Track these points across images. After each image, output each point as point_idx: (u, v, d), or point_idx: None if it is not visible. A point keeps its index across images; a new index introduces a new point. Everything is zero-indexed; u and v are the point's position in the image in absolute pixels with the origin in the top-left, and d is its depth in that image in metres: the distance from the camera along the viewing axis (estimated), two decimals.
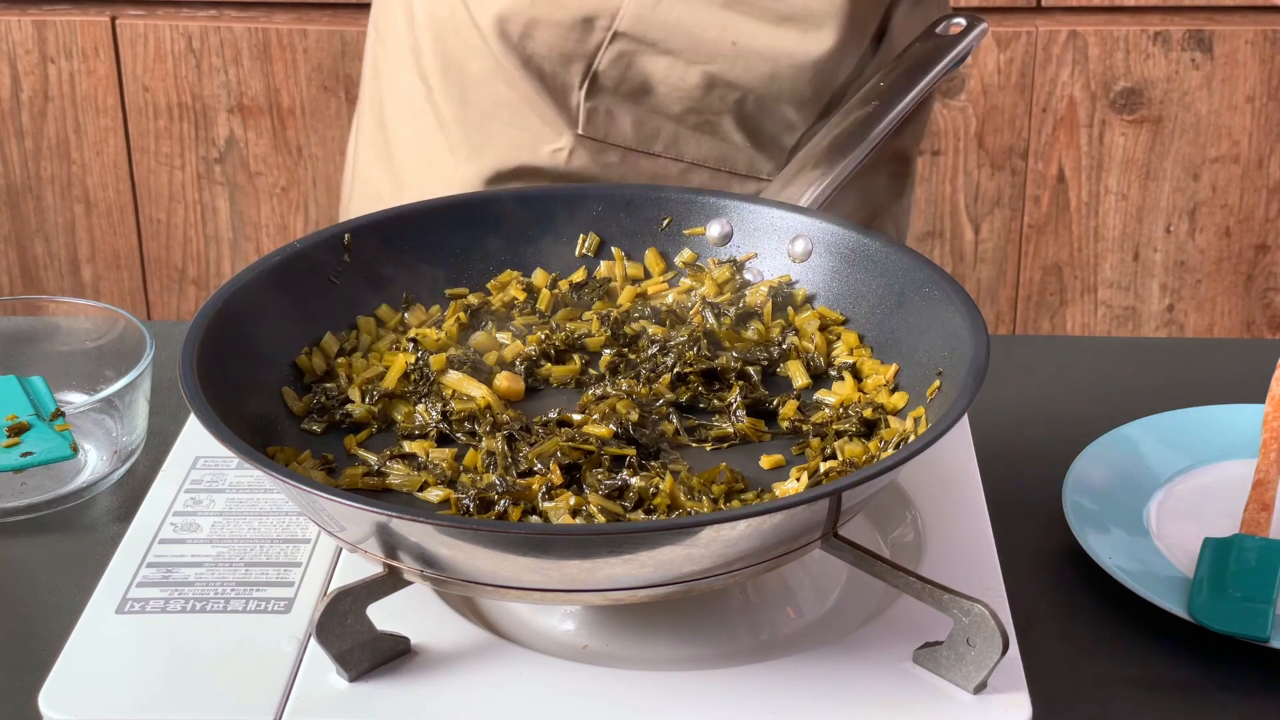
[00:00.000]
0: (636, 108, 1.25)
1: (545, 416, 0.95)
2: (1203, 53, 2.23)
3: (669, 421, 0.96)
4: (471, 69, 1.28)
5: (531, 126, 1.27)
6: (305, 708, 0.84)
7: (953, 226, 2.34)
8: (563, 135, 1.26)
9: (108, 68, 2.28)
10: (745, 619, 0.93)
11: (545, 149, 1.27)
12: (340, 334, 1.03)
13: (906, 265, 1.01)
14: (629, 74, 1.23)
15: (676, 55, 1.22)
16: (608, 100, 1.25)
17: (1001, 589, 0.91)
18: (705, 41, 1.22)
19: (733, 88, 1.22)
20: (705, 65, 1.22)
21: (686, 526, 0.82)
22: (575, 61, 1.24)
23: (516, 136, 1.27)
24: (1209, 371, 1.24)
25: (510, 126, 1.27)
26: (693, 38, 1.22)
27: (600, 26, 1.22)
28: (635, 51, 1.22)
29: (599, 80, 1.24)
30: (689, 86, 1.23)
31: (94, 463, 1.10)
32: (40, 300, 1.19)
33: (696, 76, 1.23)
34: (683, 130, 1.25)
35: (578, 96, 1.24)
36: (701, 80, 1.23)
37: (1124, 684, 0.94)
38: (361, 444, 0.96)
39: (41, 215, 2.36)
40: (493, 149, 1.28)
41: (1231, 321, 2.38)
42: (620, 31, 1.22)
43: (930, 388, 0.95)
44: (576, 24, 1.23)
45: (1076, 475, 1.07)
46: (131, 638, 0.89)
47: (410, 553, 0.83)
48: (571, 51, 1.23)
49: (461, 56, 1.28)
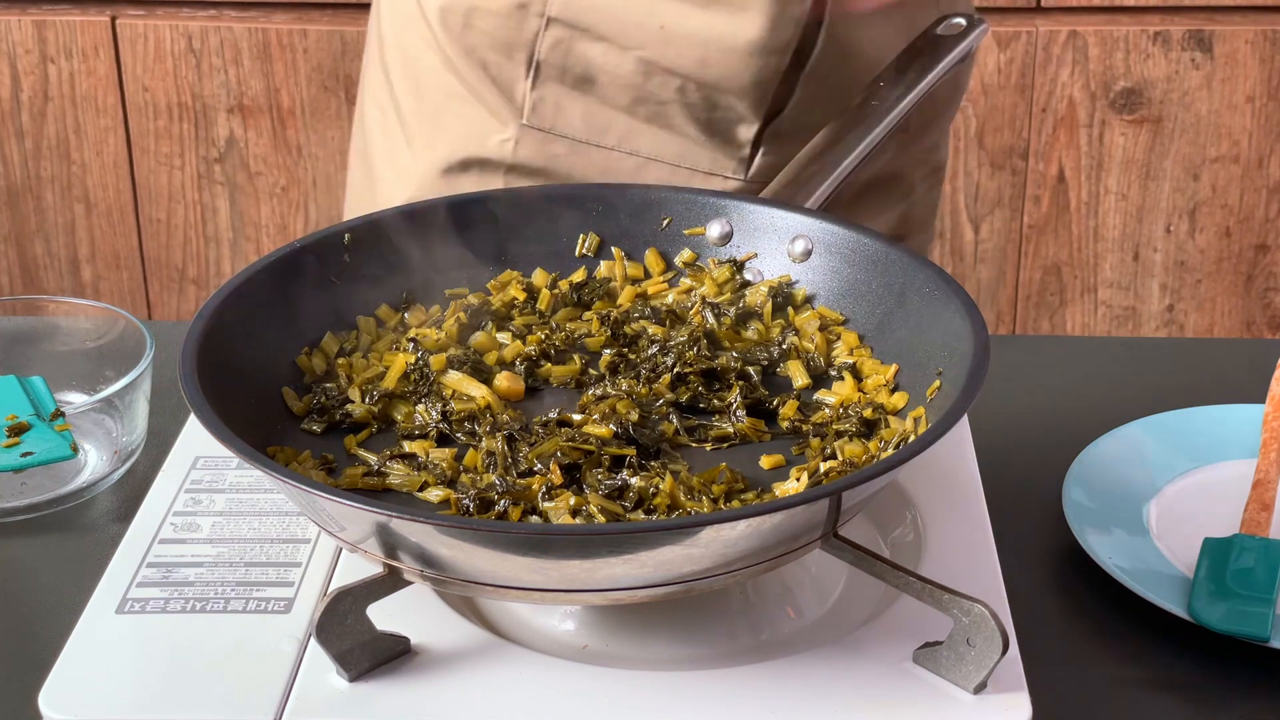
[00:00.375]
0: (585, 99, 1.24)
1: (545, 416, 0.95)
2: (1203, 53, 2.23)
3: (669, 421, 0.96)
4: (424, 61, 1.29)
5: (480, 118, 1.27)
6: (305, 708, 0.84)
7: (953, 226, 2.34)
8: (509, 126, 1.26)
9: (108, 68, 2.28)
10: (745, 619, 0.93)
11: (493, 139, 1.27)
12: (340, 334, 1.03)
13: (906, 265, 1.01)
14: (570, 62, 1.23)
15: (610, 41, 1.22)
16: (554, 91, 1.24)
17: (1001, 589, 0.91)
18: (634, 25, 1.21)
19: (670, 74, 1.21)
20: (639, 51, 1.21)
21: (686, 526, 0.82)
22: (517, 50, 1.24)
23: (466, 128, 1.28)
24: (1209, 371, 1.24)
25: (460, 118, 1.28)
26: (622, 22, 1.21)
27: (534, 12, 1.22)
28: (572, 38, 1.22)
29: (542, 69, 1.24)
30: (627, 73, 1.22)
31: (94, 463, 1.10)
32: (40, 300, 1.19)
33: (632, 63, 1.22)
34: (635, 123, 1.25)
35: (524, 87, 1.25)
36: (638, 67, 1.22)
37: (1124, 684, 0.94)
38: (361, 444, 0.96)
39: (41, 215, 2.36)
40: (444, 141, 1.29)
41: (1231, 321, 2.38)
42: (553, 17, 1.21)
43: (930, 388, 0.95)
44: (512, 11, 1.23)
45: (1076, 475, 1.07)
46: (131, 638, 0.89)
47: (410, 553, 0.83)
48: (511, 39, 1.24)
49: (415, 50, 1.30)
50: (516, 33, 1.23)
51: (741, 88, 1.22)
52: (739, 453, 0.95)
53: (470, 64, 1.26)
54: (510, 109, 1.26)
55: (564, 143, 1.26)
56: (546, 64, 1.23)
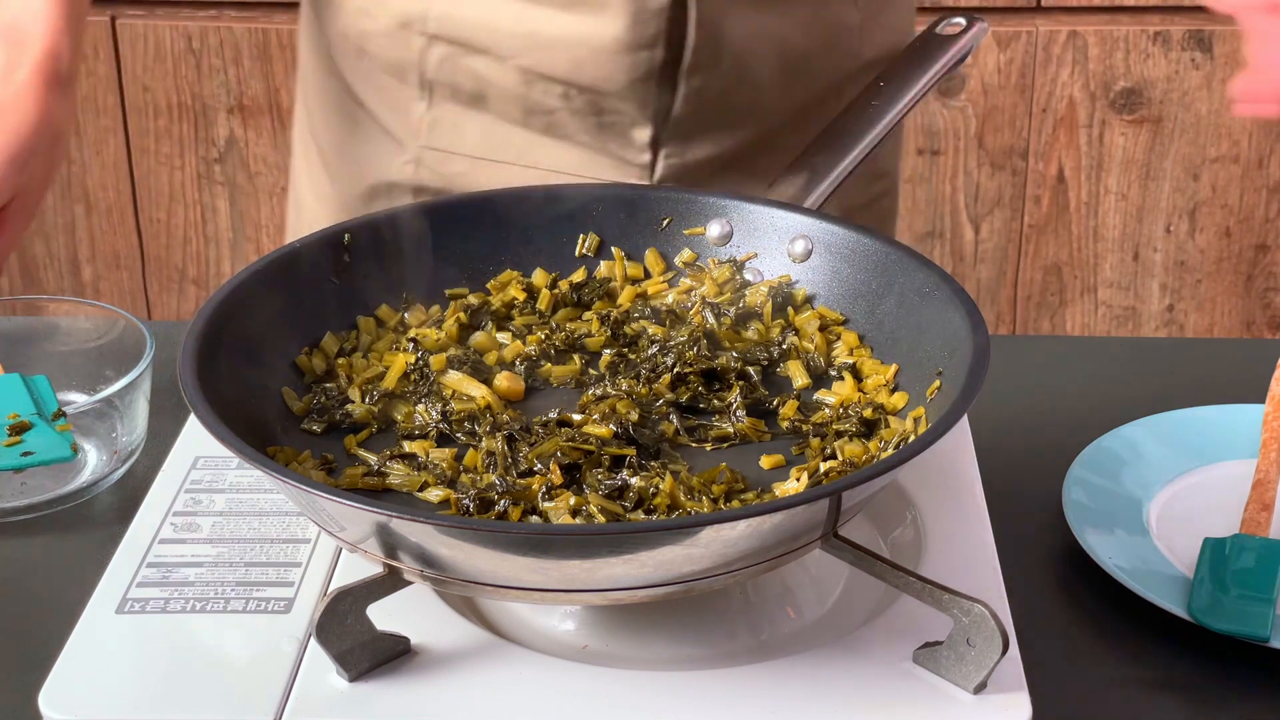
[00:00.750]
0: (481, 115, 1.24)
1: (545, 417, 0.95)
2: (1203, 53, 2.23)
3: (669, 421, 0.96)
4: (331, 91, 1.30)
5: (384, 143, 1.28)
6: (305, 708, 0.84)
7: (953, 226, 2.34)
8: (409, 148, 1.27)
9: (108, 68, 2.28)
10: (745, 619, 0.93)
11: (396, 163, 1.28)
12: (340, 334, 1.03)
13: (906, 265, 1.00)
14: (459, 78, 1.23)
15: (490, 53, 1.21)
16: (450, 110, 1.25)
17: (1001, 589, 0.91)
18: (506, 34, 1.21)
19: (551, 81, 1.20)
20: (516, 59, 1.21)
21: (686, 526, 0.82)
22: (408, 71, 1.24)
23: (373, 154, 1.29)
24: (1209, 371, 1.24)
25: (367, 144, 1.29)
26: (496, 32, 1.21)
27: (416, 30, 1.22)
28: (456, 54, 1.22)
29: (435, 89, 1.24)
30: (511, 84, 1.22)
31: (94, 463, 1.10)
32: (40, 300, 1.19)
33: (513, 73, 1.22)
34: (532, 136, 1.24)
35: (419, 108, 1.25)
36: (519, 76, 1.22)
37: (1124, 684, 0.94)
38: (361, 444, 0.96)
39: (41, 215, 2.36)
40: (356, 168, 1.30)
41: (1231, 321, 2.38)
42: (434, 34, 1.22)
43: (930, 388, 0.95)
44: (396, 31, 1.23)
45: (1076, 475, 1.07)
46: (131, 638, 0.89)
47: (410, 553, 0.83)
48: (401, 61, 1.24)
49: (323, 81, 1.31)
50: (404, 53, 1.23)
51: (620, 89, 1.21)
52: (739, 453, 0.95)
53: (368, 90, 1.27)
54: (409, 131, 1.26)
55: (464, 161, 1.26)
56: (438, 83, 1.23)
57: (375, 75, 1.26)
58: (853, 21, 1.27)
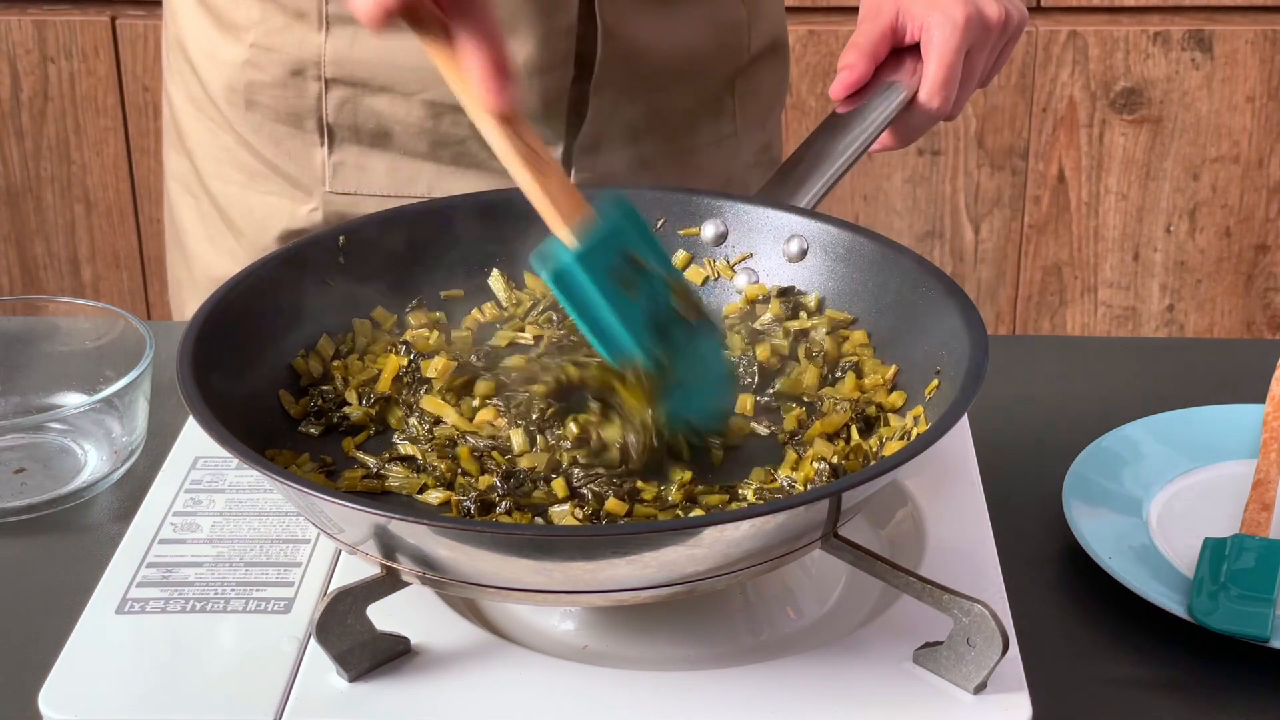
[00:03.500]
0: (385, 154, 1.24)
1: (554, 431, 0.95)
2: (1203, 53, 2.23)
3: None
4: (222, 144, 1.29)
5: (285, 191, 1.27)
6: (305, 708, 0.84)
7: (953, 226, 2.34)
8: (314, 195, 1.26)
9: (108, 68, 2.28)
10: (745, 619, 0.93)
11: (301, 210, 1.27)
12: (336, 336, 1.03)
13: (904, 265, 1.00)
14: (360, 119, 1.23)
15: (393, 90, 1.21)
16: (352, 152, 1.24)
17: (1001, 589, 0.91)
18: (410, 70, 1.20)
19: (460, 112, 1.17)
20: (422, 94, 1.21)
21: (690, 527, 0.82)
22: (305, 118, 1.24)
23: (275, 203, 1.28)
24: (1209, 371, 1.24)
25: (268, 194, 1.28)
26: (397, 68, 1.21)
27: (311, 77, 1.22)
28: (356, 95, 1.22)
29: (335, 132, 1.24)
30: (418, 119, 1.22)
31: (94, 463, 1.10)
32: (40, 300, 1.19)
33: (419, 107, 1.22)
34: (441, 168, 1.24)
35: (320, 154, 1.24)
36: (426, 110, 1.21)
37: (1124, 684, 0.94)
38: (360, 446, 0.96)
39: (41, 215, 2.36)
40: (260, 218, 1.29)
41: (1231, 321, 2.38)
42: (330, 78, 1.21)
43: (929, 387, 0.95)
44: (289, 79, 1.23)
45: (1076, 475, 1.07)
46: (131, 638, 0.89)
47: (410, 555, 0.83)
48: (296, 108, 1.23)
49: (212, 135, 1.29)
50: (299, 100, 1.23)
51: (532, 110, 1.21)
52: (739, 453, 0.95)
53: (263, 140, 1.26)
54: (312, 178, 1.26)
55: (373, 201, 1.25)
56: (338, 125, 1.23)
57: (268, 126, 1.25)
58: (740, 18, 1.29)
